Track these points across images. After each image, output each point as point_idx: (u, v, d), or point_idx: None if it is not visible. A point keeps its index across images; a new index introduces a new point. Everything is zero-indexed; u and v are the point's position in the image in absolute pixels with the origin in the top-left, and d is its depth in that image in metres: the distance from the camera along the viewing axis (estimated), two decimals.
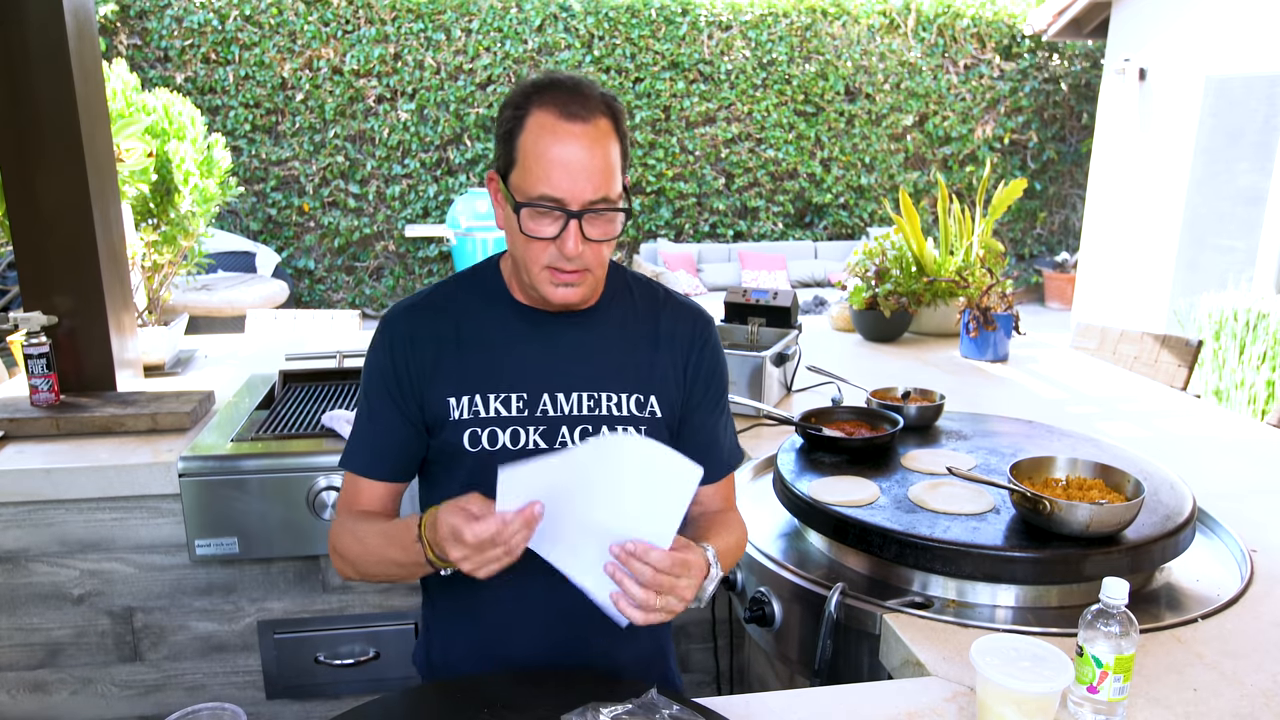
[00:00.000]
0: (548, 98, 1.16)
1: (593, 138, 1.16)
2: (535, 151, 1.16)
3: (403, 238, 8.70)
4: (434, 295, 1.33)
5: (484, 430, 1.26)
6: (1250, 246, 6.50)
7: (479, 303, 1.32)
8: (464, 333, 1.29)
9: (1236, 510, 1.70)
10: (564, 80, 1.18)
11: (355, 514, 1.31)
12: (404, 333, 1.29)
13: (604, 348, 1.31)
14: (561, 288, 1.22)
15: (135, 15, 8.05)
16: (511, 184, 1.19)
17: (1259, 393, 4.64)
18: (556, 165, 1.15)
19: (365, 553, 1.25)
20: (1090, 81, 9.50)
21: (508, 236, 1.25)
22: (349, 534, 1.27)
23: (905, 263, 3.12)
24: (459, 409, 1.27)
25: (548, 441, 1.27)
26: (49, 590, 1.98)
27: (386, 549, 1.22)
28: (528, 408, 1.27)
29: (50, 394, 2.17)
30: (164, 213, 4.59)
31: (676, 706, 1.09)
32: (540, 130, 1.15)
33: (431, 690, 1.27)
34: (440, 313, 1.30)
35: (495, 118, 1.24)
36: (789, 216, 9.39)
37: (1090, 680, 1.08)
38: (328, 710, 2.12)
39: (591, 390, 1.29)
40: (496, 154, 1.22)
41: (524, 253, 1.22)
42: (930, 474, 1.67)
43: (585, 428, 1.28)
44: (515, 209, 1.18)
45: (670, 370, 1.34)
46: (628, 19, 8.66)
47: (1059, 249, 9.94)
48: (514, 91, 1.21)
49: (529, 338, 1.29)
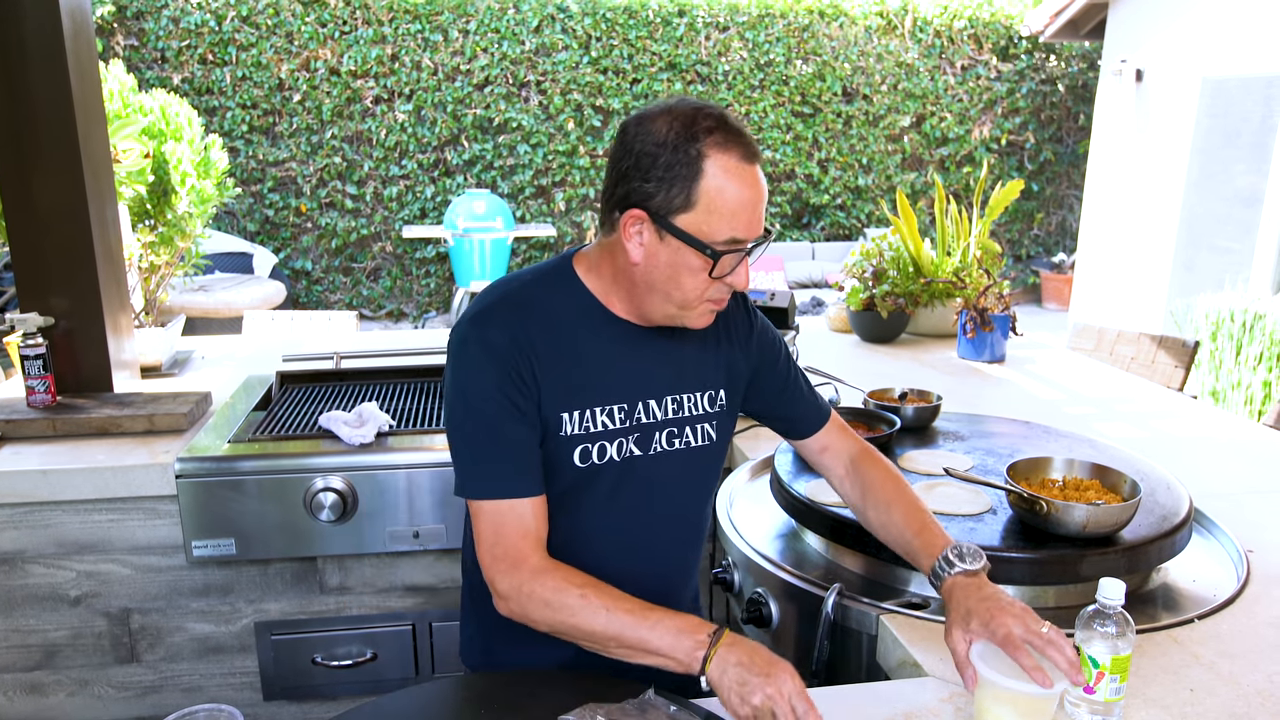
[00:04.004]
0: (721, 139, 1.15)
1: (761, 177, 1.20)
2: (724, 197, 1.15)
3: (400, 239, 8.70)
4: (516, 300, 1.26)
5: (593, 445, 1.27)
6: (1247, 247, 6.52)
7: (569, 311, 1.27)
8: (561, 342, 1.25)
9: (1233, 511, 1.70)
10: (725, 117, 1.17)
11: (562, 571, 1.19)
12: (509, 345, 1.21)
13: (681, 350, 1.35)
14: (710, 315, 1.27)
15: (132, 16, 8.04)
16: (684, 225, 1.16)
17: (1256, 393, 4.65)
18: (746, 209, 1.17)
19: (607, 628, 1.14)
20: (1087, 83, 9.52)
21: (656, 272, 1.20)
22: (581, 600, 1.16)
23: (902, 264, 3.12)
24: (571, 424, 1.25)
25: (642, 449, 1.31)
26: (46, 592, 1.97)
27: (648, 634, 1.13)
28: (628, 418, 1.29)
29: (47, 395, 2.16)
30: (161, 214, 4.59)
31: (674, 707, 1.09)
32: (726, 175, 1.15)
33: (429, 690, 1.27)
34: (529, 319, 1.24)
35: (630, 151, 1.18)
36: (786, 217, 9.39)
37: (1087, 681, 1.08)
38: (325, 711, 2.12)
39: (674, 394, 1.33)
40: (647, 194, 1.16)
41: (686, 290, 1.21)
42: (927, 475, 1.67)
43: (671, 430, 1.33)
44: (709, 253, 1.17)
45: (739, 358, 1.41)
46: (625, 20, 8.67)
47: (1056, 250, 9.95)
48: (662, 128, 1.16)
49: (622, 348, 1.29)
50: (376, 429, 2.02)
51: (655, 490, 1.34)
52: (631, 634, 1.13)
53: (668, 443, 1.33)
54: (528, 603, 1.19)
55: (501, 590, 1.21)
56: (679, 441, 1.35)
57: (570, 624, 1.16)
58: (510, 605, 1.21)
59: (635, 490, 1.32)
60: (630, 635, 1.13)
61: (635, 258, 1.21)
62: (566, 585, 1.17)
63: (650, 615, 1.14)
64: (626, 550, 1.34)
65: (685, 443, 1.35)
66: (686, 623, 1.13)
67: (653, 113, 1.19)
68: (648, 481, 1.33)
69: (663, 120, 1.17)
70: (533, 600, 1.18)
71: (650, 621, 1.13)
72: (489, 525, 1.22)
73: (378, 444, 1.99)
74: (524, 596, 1.19)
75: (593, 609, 1.15)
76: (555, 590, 1.17)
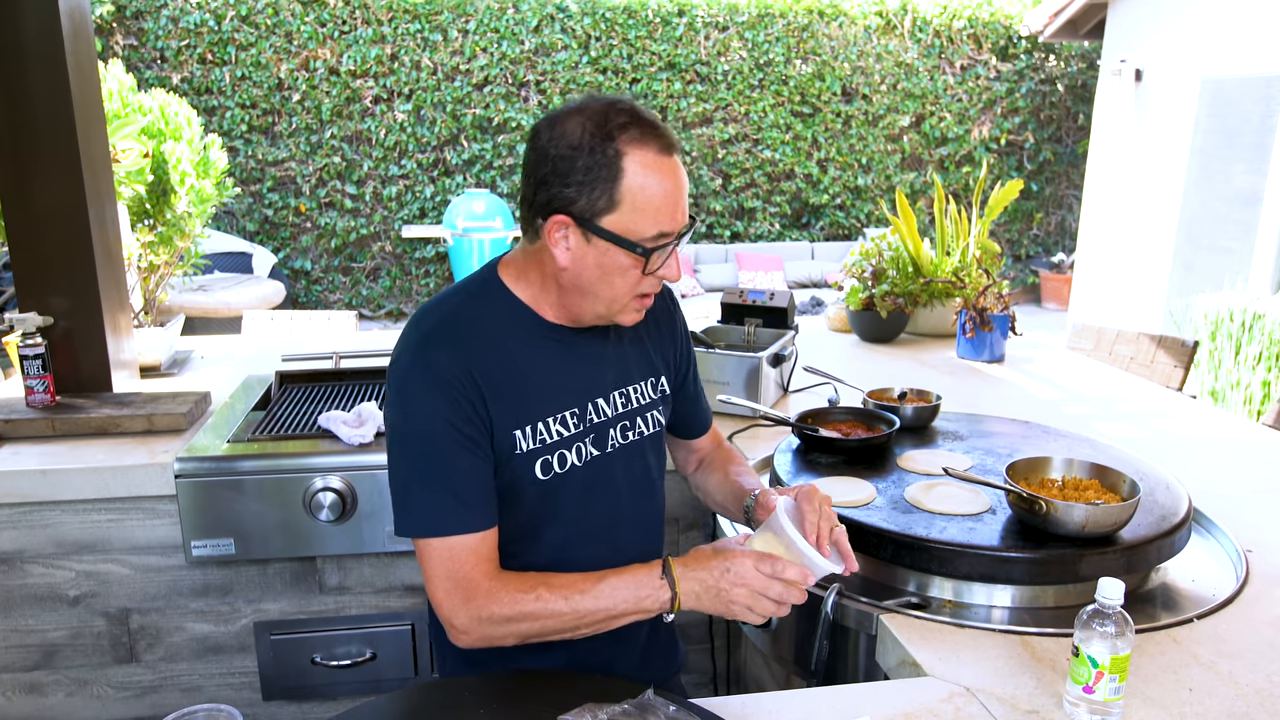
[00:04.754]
0: (636, 134, 1.14)
1: (680, 166, 1.19)
2: (646, 193, 1.14)
3: (399, 238, 8.69)
4: (454, 324, 1.24)
5: (552, 455, 1.27)
6: (1246, 247, 6.52)
7: (505, 325, 1.25)
8: (504, 360, 1.23)
9: (1232, 510, 1.70)
10: (638, 111, 1.16)
11: (509, 581, 1.19)
12: (457, 374, 1.19)
13: (619, 344, 1.36)
14: (641, 311, 1.27)
15: (131, 15, 8.04)
16: (611, 226, 1.15)
17: (1255, 393, 4.65)
18: (669, 201, 1.16)
19: (575, 613, 1.16)
20: (1086, 82, 9.52)
21: (585, 275, 1.20)
22: (537, 602, 1.16)
23: (902, 263, 3.12)
24: (525, 440, 1.24)
25: (599, 448, 1.32)
26: (45, 592, 1.97)
27: (610, 601, 1.15)
28: (580, 422, 1.29)
29: (46, 395, 2.16)
30: (160, 213, 4.59)
31: (673, 707, 1.09)
32: (646, 171, 1.14)
33: (428, 690, 1.27)
34: (471, 343, 1.22)
35: (546, 157, 1.15)
36: (786, 217, 9.39)
37: (1086, 680, 1.08)
38: (324, 711, 2.12)
39: (620, 387, 1.35)
40: (569, 199, 1.15)
41: (617, 289, 1.21)
42: (926, 474, 1.67)
43: (624, 423, 1.35)
44: (639, 251, 1.17)
45: (668, 345, 1.45)
46: (624, 20, 8.67)
47: (1055, 250, 9.96)
48: (575, 130, 1.14)
49: (562, 353, 1.29)
50: (376, 429, 2.02)
51: (621, 485, 1.36)
52: (596, 609, 1.16)
53: (622, 436, 1.35)
54: (489, 627, 1.18)
55: (459, 624, 1.18)
56: (632, 433, 1.37)
57: (536, 629, 1.17)
58: (472, 637, 1.19)
59: (604, 489, 1.34)
60: (595, 611, 1.16)
61: (563, 262, 1.20)
62: (518, 594, 1.17)
63: (603, 584, 1.17)
64: (607, 547, 1.35)
65: (639, 433, 1.37)
66: (636, 575, 1.17)
67: (564, 114, 1.17)
68: (612, 478, 1.34)
69: (574, 121, 1.15)
70: (493, 622, 1.17)
71: (608, 589, 1.17)
72: (439, 562, 1.19)
73: (377, 444, 1.99)
74: (483, 623, 1.17)
75: (551, 605, 1.16)
76: (510, 603, 1.17)
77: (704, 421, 1.57)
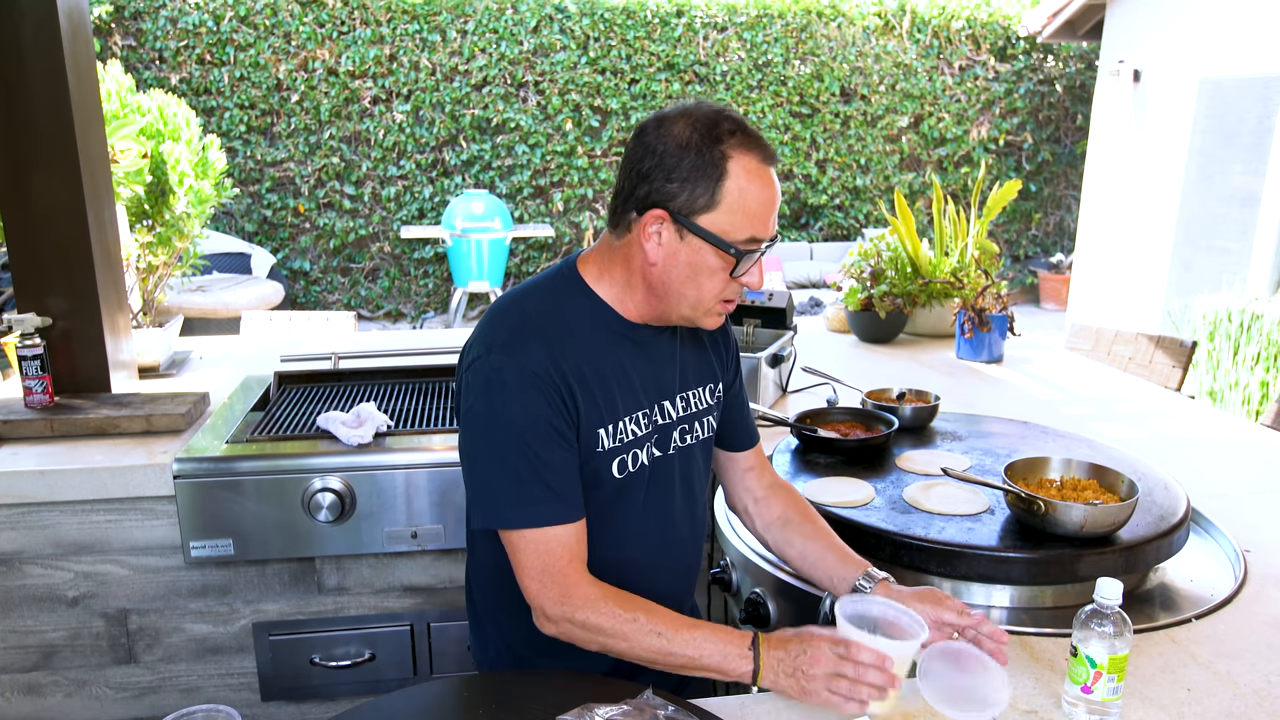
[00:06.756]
0: (743, 141, 1.18)
1: (777, 179, 1.23)
2: (746, 197, 1.18)
3: (398, 239, 8.69)
4: (540, 320, 1.25)
5: (628, 454, 1.29)
6: (1244, 247, 6.52)
7: (588, 323, 1.27)
8: (590, 358, 1.25)
9: (1230, 510, 1.71)
10: (744, 121, 1.20)
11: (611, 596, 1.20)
12: (549, 369, 1.20)
13: (684, 348, 1.38)
14: (722, 316, 1.29)
15: (130, 16, 8.03)
16: (706, 224, 1.18)
17: (1253, 393, 4.66)
18: (765, 208, 1.20)
19: (662, 650, 1.17)
20: (1085, 83, 9.52)
21: (674, 272, 1.22)
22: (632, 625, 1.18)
23: (900, 264, 3.12)
24: (607, 438, 1.26)
25: (662, 449, 1.34)
26: (43, 592, 1.97)
27: (697, 652, 1.16)
28: (649, 422, 1.31)
29: (44, 395, 2.16)
30: (159, 214, 4.59)
31: (672, 707, 1.09)
32: (749, 176, 1.18)
33: (428, 690, 1.27)
34: (559, 339, 1.23)
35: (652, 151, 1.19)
36: (784, 218, 9.39)
37: (1084, 680, 1.08)
38: (323, 712, 2.12)
39: (682, 391, 1.37)
40: (670, 194, 1.18)
41: (704, 289, 1.23)
42: (925, 475, 1.67)
43: (684, 427, 1.37)
44: (731, 252, 1.19)
45: (723, 354, 1.47)
46: (623, 20, 8.67)
47: (1054, 250, 9.96)
48: (684, 130, 1.18)
49: (638, 354, 1.31)
50: (374, 429, 2.02)
51: (678, 487, 1.38)
52: (681, 654, 1.17)
53: (681, 439, 1.37)
54: (577, 629, 1.20)
55: (551, 615, 1.21)
56: (690, 437, 1.39)
57: (623, 647, 1.19)
58: (559, 628, 1.22)
59: (663, 490, 1.36)
60: (679, 655, 1.17)
61: (654, 258, 1.22)
62: (619, 610, 1.19)
63: (696, 633, 1.17)
64: (660, 547, 1.38)
65: (695, 437, 1.40)
66: (728, 638, 1.17)
67: (672, 114, 1.21)
68: (670, 480, 1.36)
69: (683, 122, 1.19)
70: (586, 627, 1.20)
71: (699, 641, 1.17)
72: (534, 554, 1.21)
73: (376, 444, 1.99)
74: (574, 624, 1.20)
75: (645, 633, 1.18)
76: (609, 617, 1.19)
77: (752, 433, 1.54)
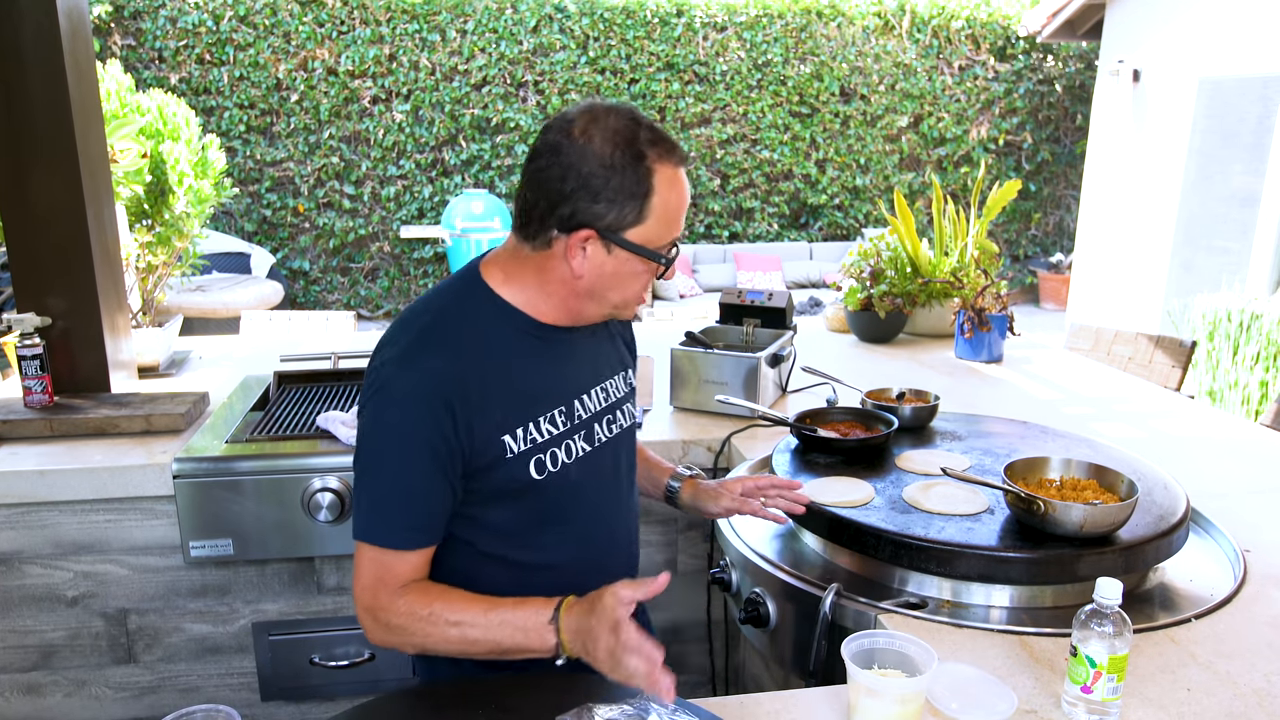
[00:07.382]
0: (661, 150, 1.18)
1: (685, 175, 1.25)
2: (668, 206, 1.20)
3: (398, 239, 8.69)
4: (442, 330, 1.22)
5: (545, 454, 1.28)
6: (1244, 247, 6.52)
7: (493, 329, 1.25)
8: (489, 367, 1.22)
9: (1230, 510, 1.71)
10: (654, 124, 1.20)
11: (411, 592, 1.21)
12: (444, 383, 1.18)
13: (591, 342, 1.38)
14: (638, 306, 1.31)
15: (129, 16, 8.03)
16: (634, 237, 1.19)
17: (1253, 393, 4.66)
18: (681, 212, 1.23)
19: (463, 640, 1.18)
20: (1084, 83, 9.52)
21: (601, 282, 1.22)
22: (428, 622, 1.18)
23: (900, 264, 3.12)
24: (516, 443, 1.24)
25: (589, 443, 1.34)
26: (43, 592, 1.97)
27: (497, 635, 1.17)
28: (568, 420, 1.31)
29: (44, 395, 2.16)
30: (158, 214, 4.59)
31: (672, 707, 1.09)
32: (670, 186, 1.19)
33: (427, 691, 1.27)
34: (461, 353, 1.21)
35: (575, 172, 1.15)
36: (784, 217, 9.39)
37: (1084, 680, 1.08)
38: (323, 712, 2.12)
39: (599, 383, 1.38)
40: (597, 214, 1.16)
41: (629, 293, 1.25)
42: (925, 475, 1.67)
43: (608, 418, 1.38)
44: (661, 261, 1.21)
45: (629, 338, 1.51)
46: (623, 20, 8.66)
47: (1054, 250, 9.96)
48: (605, 147, 1.15)
49: (548, 353, 1.29)
50: None
51: (611, 477, 1.40)
52: (483, 639, 1.17)
53: (607, 429, 1.38)
54: (392, 636, 1.21)
55: (368, 625, 1.23)
56: (614, 426, 1.40)
57: (429, 644, 1.20)
58: (375, 639, 1.23)
59: (597, 483, 1.37)
60: (483, 640, 1.17)
61: (580, 272, 1.21)
62: (415, 608, 1.19)
63: (493, 614, 1.17)
64: (607, 539, 1.40)
65: (619, 425, 1.41)
66: (526, 614, 1.17)
67: (581, 123, 1.16)
68: (601, 471, 1.37)
69: (600, 136, 1.15)
70: (390, 629, 1.21)
71: (495, 622, 1.17)
72: (373, 568, 1.21)
73: None
74: (387, 630, 1.21)
75: (442, 625, 1.18)
76: (406, 615, 1.19)
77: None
